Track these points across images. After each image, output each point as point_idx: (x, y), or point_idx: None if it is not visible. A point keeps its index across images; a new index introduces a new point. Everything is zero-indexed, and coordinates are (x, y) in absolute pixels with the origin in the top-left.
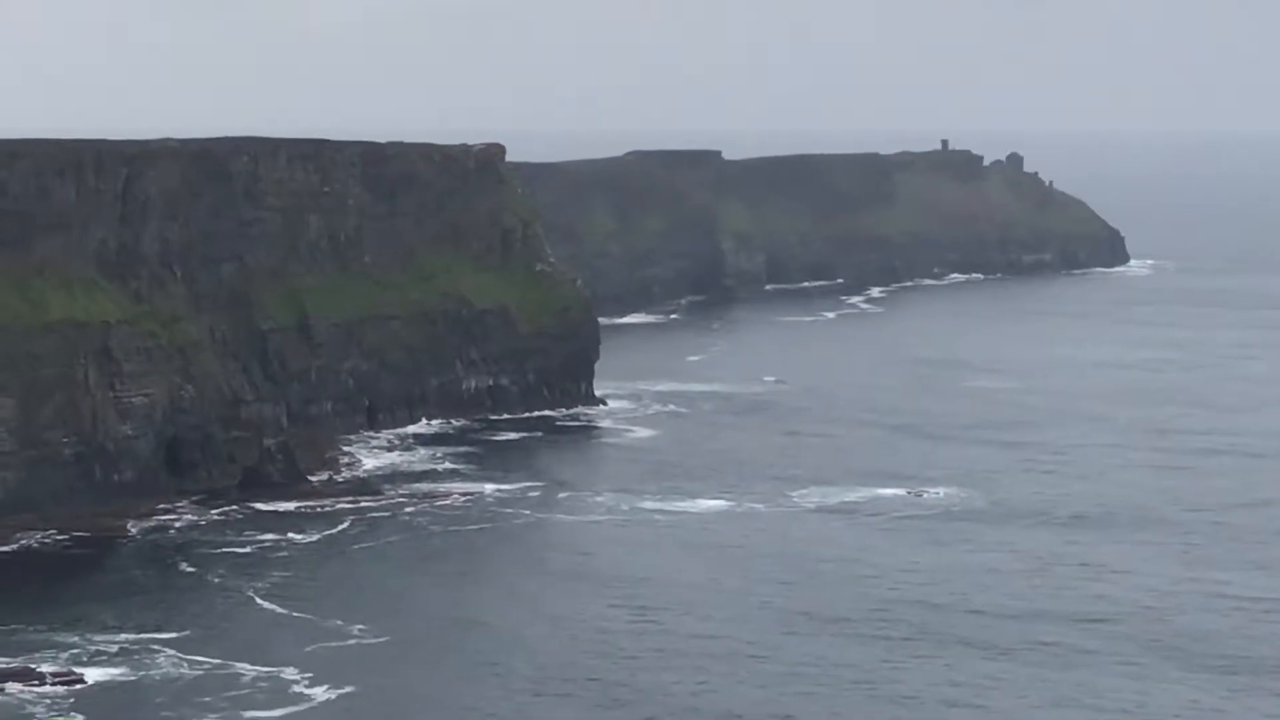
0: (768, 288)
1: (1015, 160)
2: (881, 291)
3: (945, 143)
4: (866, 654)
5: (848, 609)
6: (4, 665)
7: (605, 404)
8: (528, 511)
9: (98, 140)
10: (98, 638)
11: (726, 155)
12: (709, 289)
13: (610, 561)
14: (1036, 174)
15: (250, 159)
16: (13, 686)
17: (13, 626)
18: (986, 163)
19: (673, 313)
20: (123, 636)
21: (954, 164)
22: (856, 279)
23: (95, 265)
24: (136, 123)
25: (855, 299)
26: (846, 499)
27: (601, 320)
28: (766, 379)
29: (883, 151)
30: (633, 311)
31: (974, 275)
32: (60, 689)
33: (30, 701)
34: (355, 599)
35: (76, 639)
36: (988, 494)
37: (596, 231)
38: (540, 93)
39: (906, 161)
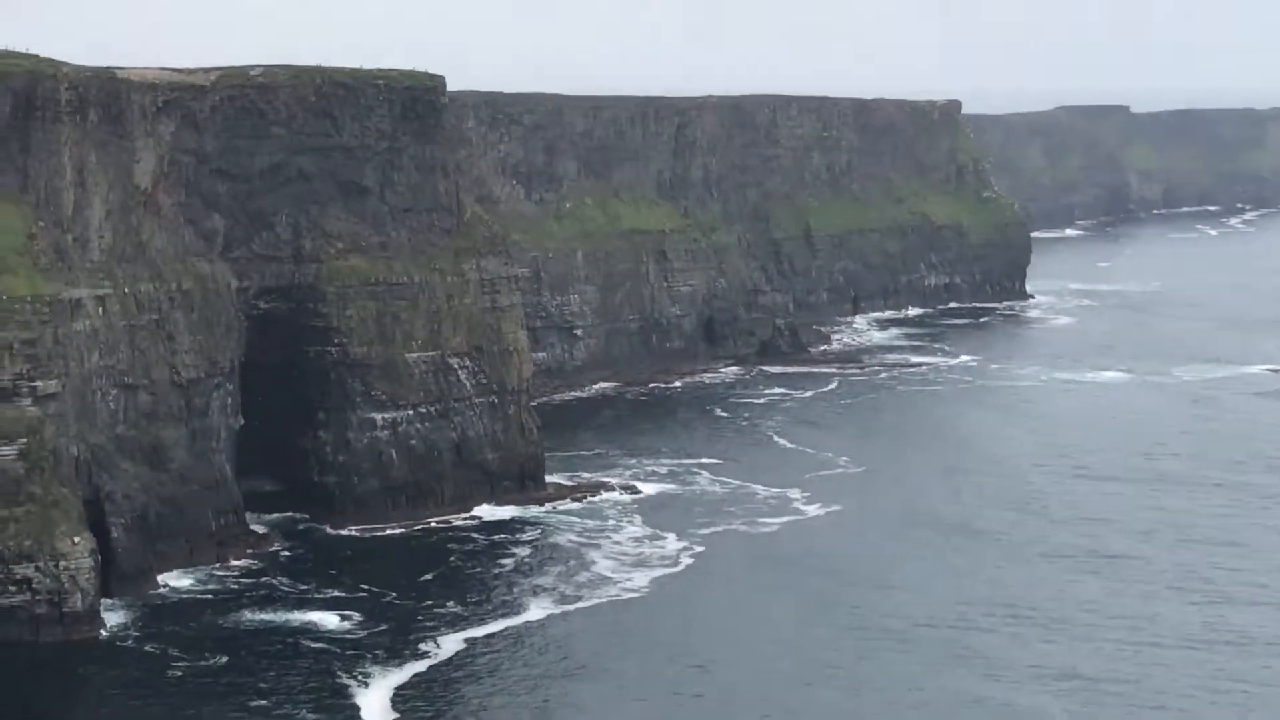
0: (1162, 211)
1: None
2: (1254, 214)
3: None
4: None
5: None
6: (585, 480)
7: (1034, 298)
8: (970, 378)
9: (657, 97)
10: (650, 461)
11: (1133, 109)
12: (1116, 212)
13: (1021, 429)
14: None
15: (770, 110)
16: (594, 495)
17: (596, 451)
18: None
19: (1088, 230)
20: (671, 461)
21: None
22: (1234, 205)
23: (655, 189)
24: (683, 81)
25: (1232, 220)
26: (1218, 375)
27: (1033, 234)
28: (1153, 284)
29: (1257, 106)
30: (1057, 228)
31: None
32: (625, 498)
33: (605, 506)
34: (841, 438)
35: (635, 461)
36: None
37: (1030, 167)
38: (990, 53)
39: (1277, 114)
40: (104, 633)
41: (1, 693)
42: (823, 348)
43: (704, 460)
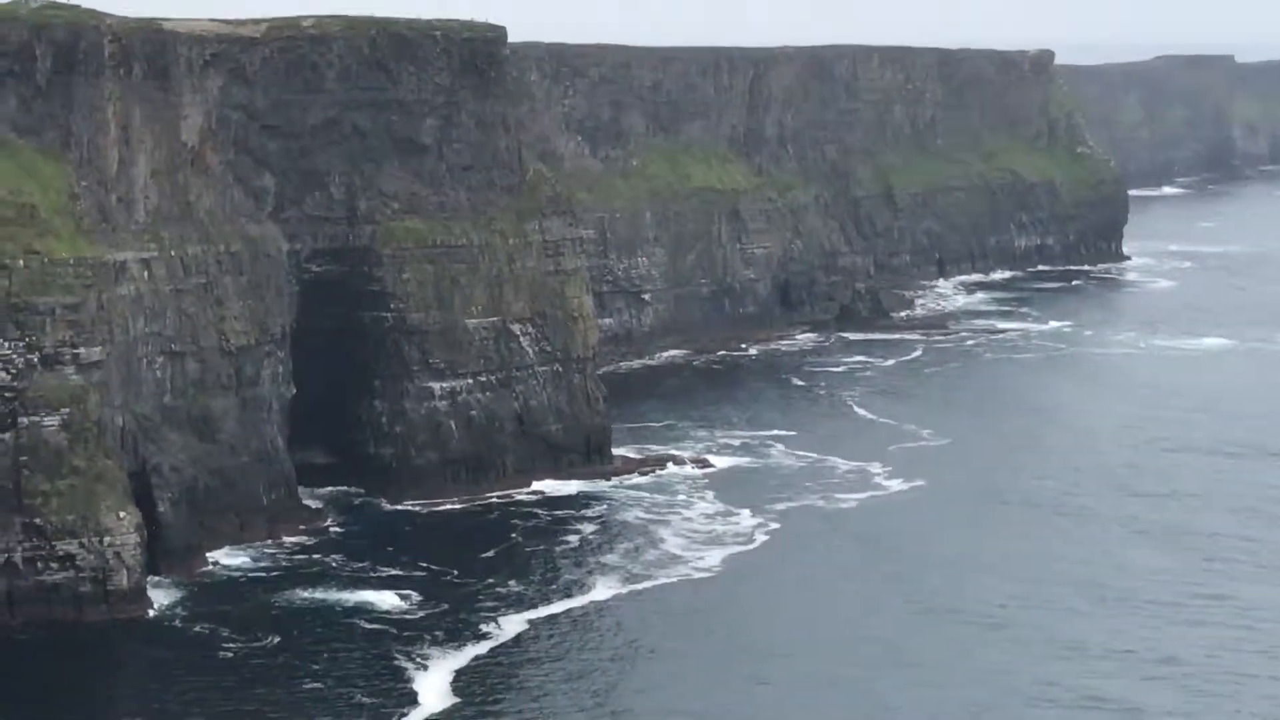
0: (1268, 168)
1: None
2: None
3: None
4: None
5: None
6: (655, 452)
7: (1130, 260)
8: (1063, 345)
9: (730, 47)
10: (722, 433)
11: (1238, 59)
12: (1219, 168)
13: (1115, 400)
14: None
15: (850, 62)
16: (663, 468)
17: (665, 422)
18: None
19: (1189, 187)
20: (744, 433)
21: None
22: None
23: (727, 145)
24: (760, 32)
25: None
26: None
27: (1130, 192)
28: (1259, 245)
29: None
30: (1156, 185)
31: None
32: (695, 472)
33: (675, 480)
34: (924, 408)
35: (706, 433)
36: None
37: (1127, 121)
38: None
39: None
40: (151, 612)
41: (45, 675)
42: (905, 313)
43: (779, 432)
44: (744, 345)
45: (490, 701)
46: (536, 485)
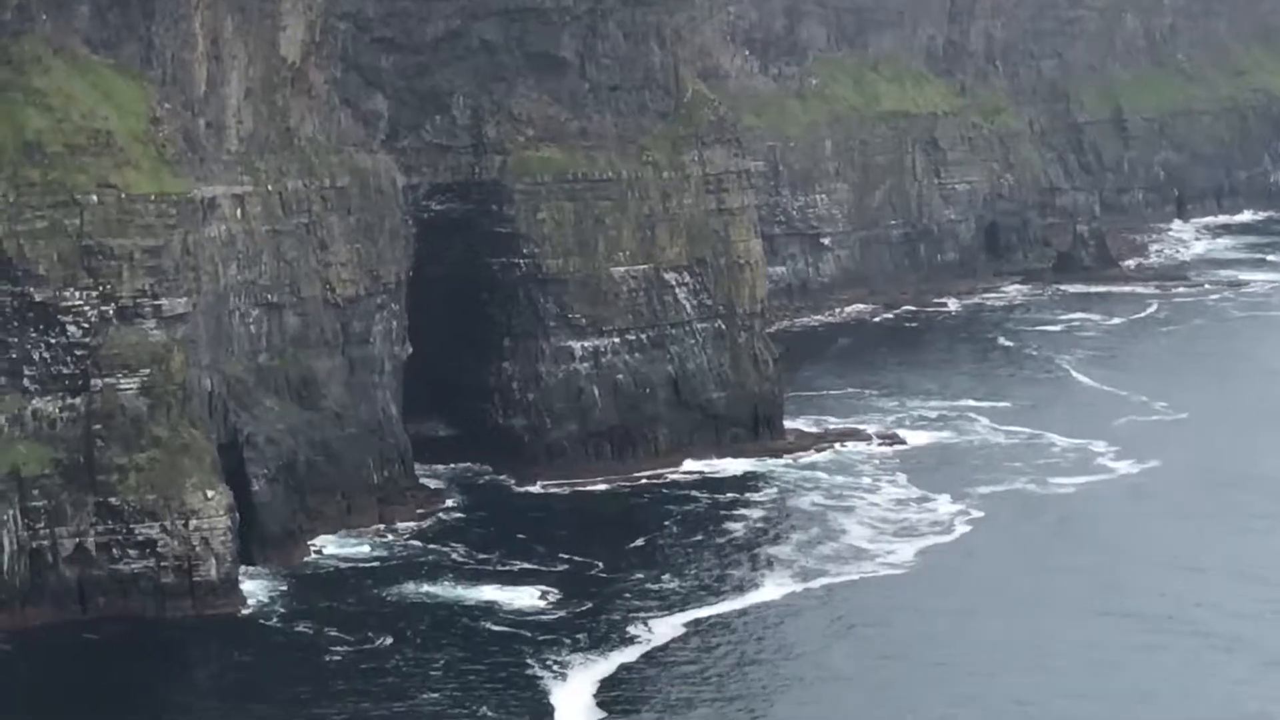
0: None
1: None
2: None
3: None
4: None
5: None
6: (835, 426)
7: None
8: None
9: None
10: (916, 404)
11: None
12: None
13: None
14: None
15: None
16: (844, 445)
17: (848, 389)
18: None
19: None
20: (942, 403)
21: None
22: None
23: (924, 60)
24: None
25: None
26: None
27: None
28: None
29: None
30: None
31: None
32: (883, 449)
33: (859, 459)
34: (1158, 376)
35: (896, 403)
36: None
37: None
38: None
39: None
40: (244, 609)
41: (121, 678)
42: (1136, 261)
43: (983, 403)
44: (942, 299)
45: (637, 717)
46: (694, 464)
